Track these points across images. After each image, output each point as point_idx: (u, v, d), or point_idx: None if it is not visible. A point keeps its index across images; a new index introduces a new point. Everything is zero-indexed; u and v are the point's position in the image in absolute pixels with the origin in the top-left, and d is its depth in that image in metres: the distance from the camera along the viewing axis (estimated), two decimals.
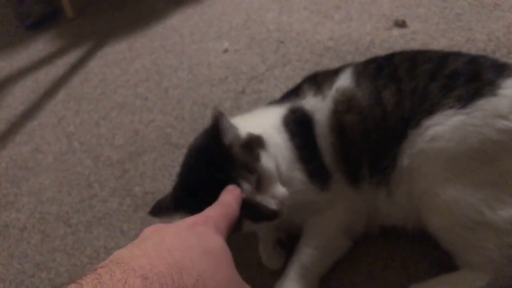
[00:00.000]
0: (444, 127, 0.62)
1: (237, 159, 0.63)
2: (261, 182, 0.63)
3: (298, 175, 0.70)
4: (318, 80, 0.76)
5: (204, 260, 0.38)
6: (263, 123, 0.74)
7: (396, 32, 1.11)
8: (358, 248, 0.73)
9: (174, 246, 0.38)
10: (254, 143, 0.67)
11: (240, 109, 1.10)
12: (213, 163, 0.63)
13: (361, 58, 1.07)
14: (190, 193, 0.64)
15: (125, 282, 0.32)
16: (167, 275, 0.34)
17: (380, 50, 1.08)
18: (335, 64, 1.10)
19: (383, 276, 0.70)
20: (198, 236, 0.42)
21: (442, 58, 0.69)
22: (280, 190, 0.64)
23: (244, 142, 0.66)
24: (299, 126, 0.72)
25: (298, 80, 1.08)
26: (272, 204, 0.62)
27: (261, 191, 0.63)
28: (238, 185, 0.60)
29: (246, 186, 0.61)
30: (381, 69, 0.71)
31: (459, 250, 0.62)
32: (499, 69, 0.64)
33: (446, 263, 0.65)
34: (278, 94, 1.08)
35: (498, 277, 0.59)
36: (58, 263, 0.93)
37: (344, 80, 0.72)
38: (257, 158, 0.64)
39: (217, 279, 0.38)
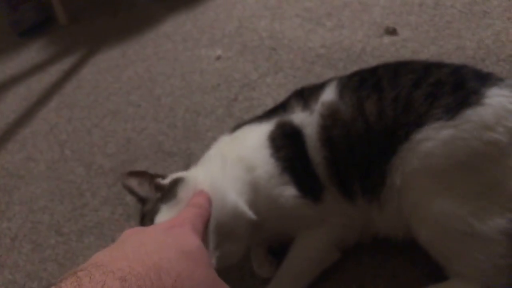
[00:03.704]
0: (435, 142, 0.61)
1: (145, 216, 0.65)
2: None
3: (286, 190, 0.68)
4: (305, 95, 0.75)
5: (182, 260, 0.39)
6: (247, 141, 0.74)
7: (387, 39, 1.12)
8: (349, 257, 0.74)
9: (152, 248, 0.39)
10: (166, 193, 0.65)
11: (232, 117, 1.10)
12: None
13: (352, 66, 1.08)
14: None
15: (104, 284, 0.33)
16: (145, 277, 0.35)
17: (371, 58, 1.09)
18: (327, 72, 1.11)
19: (373, 285, 0.71)
20: (175, 238, 0.43)
21: (426, 68, 0.68)
22: None
23: (166, 190, 0.66)
24: (287, 139, 0.71)
25: (290, 87, 1.09)
26: None
27: None
28: None
29: None
30: (364, 81, 0.70)
31: (448, 261, 0.62)
32: (483, 78, 0.64)
33: (436, 272, 0.65)
34: (270, 102, 1.09)
35: (488, 287, 0.59)
36: (50, 272, 0.92)
37: (329, 94, 0.71)
38: (154, 216, 0.63)
39: (195, 278, 0.39)
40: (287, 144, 0.71)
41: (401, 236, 0.69)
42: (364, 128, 0.67)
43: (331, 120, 0.69)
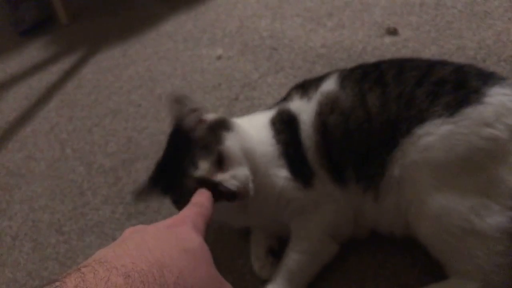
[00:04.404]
0: (434, 137, 0.62)
1: (198, 141, 0.68)
2: (223, 162, 0.66)
3: (280, 172, 0.72)
4: (305, 86, 0.78)
5: (184, 258, 0.40)
6: (253, 121, 0.79)
7: (387, 39, 1.12)
8: (350, 257, 0.74)
9: (155, 245, 0.40)
10: (219, 125, 0.71)
11: (233, 116, 1.09)
12: (177, 146, 0.71)
13: (352, 66, 1.08)
14: (161, 173, 0.72)
15: (108, 280, 0.33)
16: (148, 273, 0.35)
17: (372, 58, 1.09)
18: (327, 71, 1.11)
19: (374, 285, 0.71)
20: (177, 236, 0.43)
21: (429, 66, 0.69)
22: (243, 172, 0.67)
23: (210, 124, 0.72)
24: (284, 124, 0.75)
25: (291, 87, 1.09)
26: (231, 185, 0.64)
27: (222, 171, 0.66)
28: (195, 164, 0.65)
29: (203, 164, 0.65)
30: (367, 74, 0.72)
31: (448, 258, 0.63)
32: (485, 78, 0.65)
33: (436, 271, 0.65)
34: (271, 101, 1.09)
35: (487, 285, 0.60)
36: (50, 271, 0.93)
37: (329, 85, 0.74)
38: (219, 140, 0.68)
39: (196, 276, 0.39)
40: (284, 130, 0.75)
41: (399, 232, 0.70)
42: (365, 118, 0.68)
43: (329, 107, 0.71)
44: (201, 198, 0.56)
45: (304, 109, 0.74)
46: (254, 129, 0.75)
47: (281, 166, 0.72)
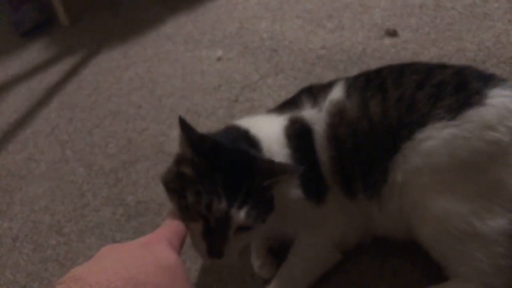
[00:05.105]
0: (437, 141, 0.62)
1: (259, 195, 0.61)
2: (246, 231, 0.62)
3: (294, 192, 0.69)
4: (314, 92, 0.76)
5: (159, 274, 0.41)
6: (270, 134, 0.71)
7: (387, 41, 1.12)
8: (349, 259, 0.74)
9: (130, 262, 0.41)
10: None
11: (233, 118, 1.10)
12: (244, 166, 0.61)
13: (353, 67, 1.09)
14: (211, 151, 0.62)
15: None
16: None
17: (372, 59, 1.09)
18: (327, 73, 1.11)
19: (374, 286, 0.71)
20: (152, 253, 0.44)
21: (429, 69, 0.69)
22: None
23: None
24: (299, 138, 0.71)
25: (291, 88, 1.09)
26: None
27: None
28: (239, 207, 0.58)
29: (241, 216, 0.58)
30: (370, 81, 0.72)
31: (449, 261, 0.63)
32: (485, 79, 0.65)
33: (436, 273, 0.65)
34: (270, 103, 1.09)
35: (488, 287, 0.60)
36: (50, 273, 0.93)
37: (336, 93, 0.73)
38: (260, 220, 0.62)
39: None
40: (299, 145, 0.71)
41: (400, 236, 0.70)
42: (368, 127, 0.68)
43: (338, 118, 0.70)
44: (175, 221, 0.57)
45: (317, 119, 0.72)
46: (272, 146, 0.70)
47: (296, 186, 0.69)
